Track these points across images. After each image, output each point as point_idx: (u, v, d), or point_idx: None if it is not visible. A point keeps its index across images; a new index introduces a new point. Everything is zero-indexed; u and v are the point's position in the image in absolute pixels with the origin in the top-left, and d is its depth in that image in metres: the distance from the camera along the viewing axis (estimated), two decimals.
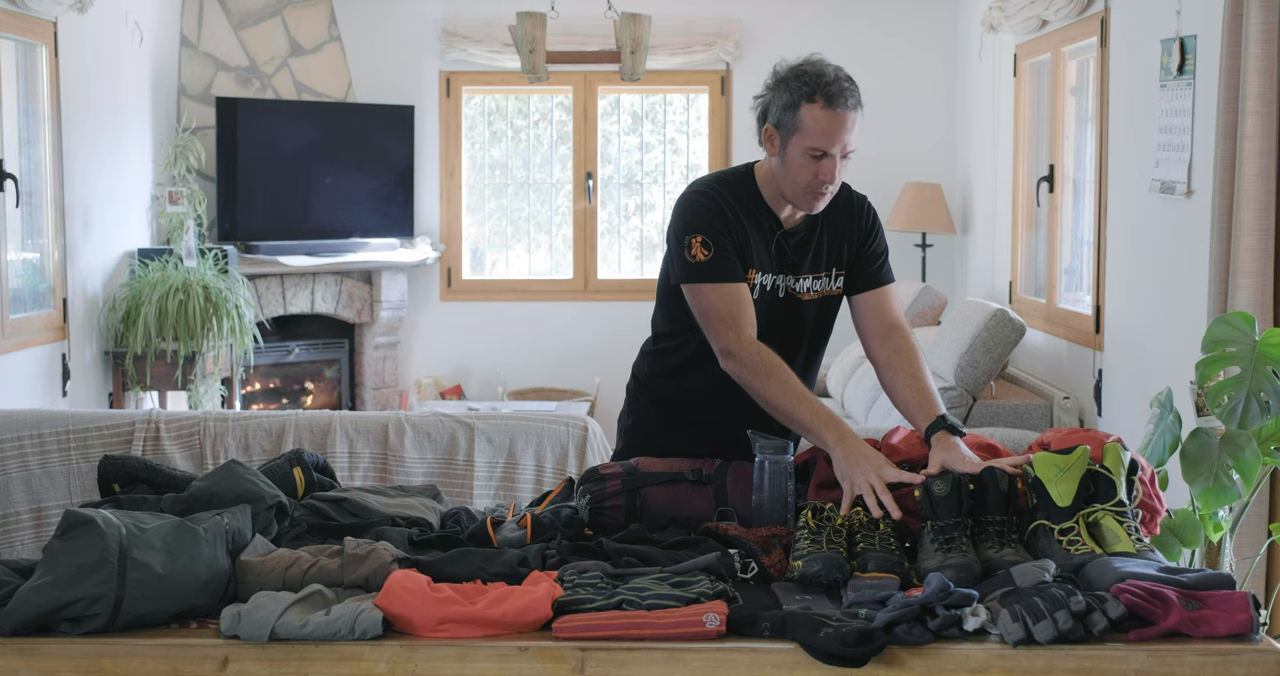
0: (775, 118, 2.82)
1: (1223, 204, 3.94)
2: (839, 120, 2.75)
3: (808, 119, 2.76)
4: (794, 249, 2.92)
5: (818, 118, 2.75)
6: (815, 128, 2.75)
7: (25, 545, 4.03)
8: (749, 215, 2.88)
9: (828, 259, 2.96)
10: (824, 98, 2.74)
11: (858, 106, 2.78)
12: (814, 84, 2.75)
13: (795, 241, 2.92)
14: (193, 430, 4.18)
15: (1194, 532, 3.32)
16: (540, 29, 6.11)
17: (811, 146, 2.76)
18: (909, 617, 2.13)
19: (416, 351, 8.06)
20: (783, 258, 2.91)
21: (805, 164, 2.79)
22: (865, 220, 3.01)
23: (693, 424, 2.98)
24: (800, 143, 2.77)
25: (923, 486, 2.46)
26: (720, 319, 2.81)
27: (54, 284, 5.77)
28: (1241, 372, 3.30)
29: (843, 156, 2.79)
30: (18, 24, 5.39)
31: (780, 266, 2.91)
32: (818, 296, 2.96)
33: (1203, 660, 2.09)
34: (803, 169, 2.79)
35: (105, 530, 2.16)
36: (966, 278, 7.59)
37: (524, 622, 2.17)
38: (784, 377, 2.74)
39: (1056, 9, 5.65)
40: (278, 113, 7.45)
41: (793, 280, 2.92)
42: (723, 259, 2.83)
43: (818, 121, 2.75)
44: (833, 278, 2.97)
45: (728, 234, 2.84)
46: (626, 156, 8.26)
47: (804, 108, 2.76)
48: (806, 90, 2.76)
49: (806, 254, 2.93)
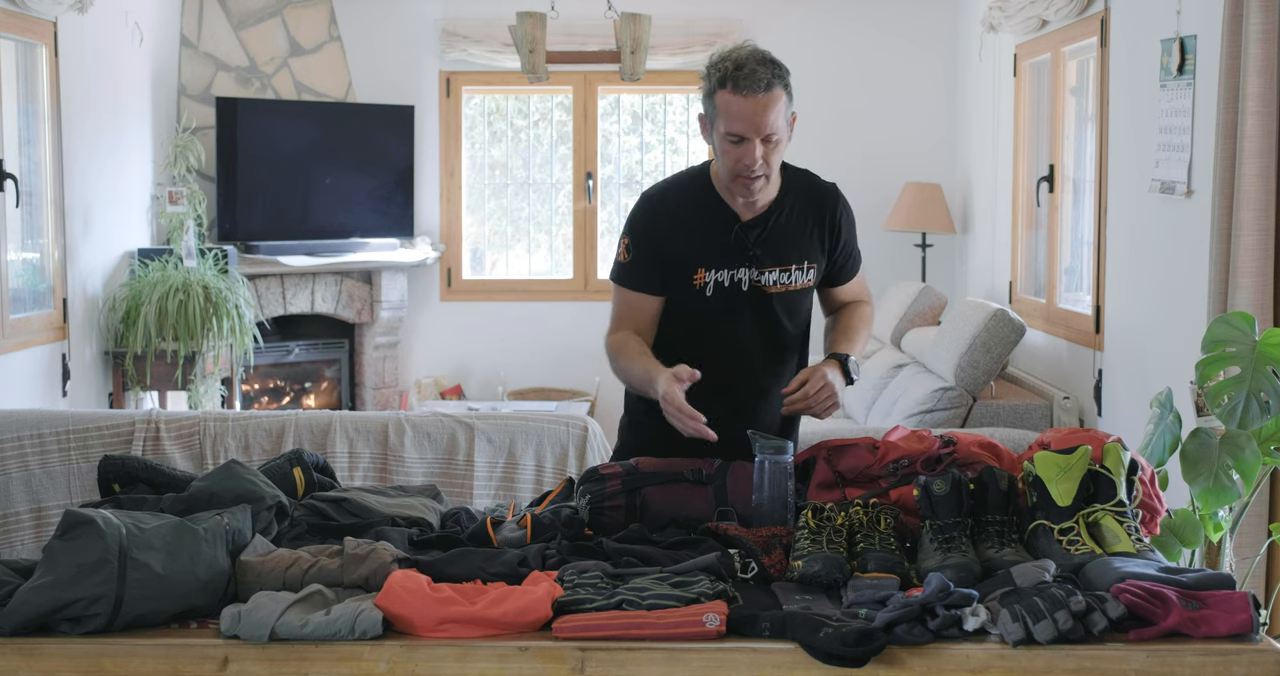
0: (703, 107, 2.87)
1: (1223, 204, 3.94)
2: (750, 104, 2.76)
3: (722, 105, 2.79)
4: (756, 241, 2.92)
5: (731, 103, 2.77)
6: (730, 113, 2.78)
7: (25, 545, 4.04)
8: (701, 212, 2.91)
9: (795, 253, 2.96)
10: (734, 83, 2.76)
11: (772, 88, 2.76)
12: (725, 70, 2.78)
13: (757, 234, 2.92)
14: (193, 430, 4.18)
15: (1194, 532, 3.32)
16: (540, 29, 6.11)
17: (729, 132, 2.79)
18: (909, 617, 2.13)
19: (416, 351, 8.06)
20: (743, 250, 2.91)
21: (728, 149, 2.81)
22: (836, 215, 3.01)
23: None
24: (720, 129, 2.81)
25: (922, 486, 2.46)
26: (612, 318, 3.00)
27: (54, 284, 5.77)
28: (1241, 372, 3.30)
29: (765, 140, 2.78)
30: (18, 24, 5.39)
31: (741, 259, 2.91)
32: (784, 290, 2.96)
33: (1203, 660, 2.09)
34: (726, 154, 2.82)
35: (105, 530, 2.16)
36: (966, 278, 7.59)
37: (524, 622, 2.17)
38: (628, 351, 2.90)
39: (1056, 9, 5.65)
40: (278, 113, 7.45)
41: (756, 273, 2.92)
42: (636, 266, 2.94)
43: (731, 107, 2.77)
44: (804, 271, 2.97)
45: (652, 244, 2.92)
46: (626, 156, 8.26)
47: (718, 95, 2.80)
48: (719, 77, 2.79)
49: (770, 246, 2.93)
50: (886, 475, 2.65)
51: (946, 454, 2.64)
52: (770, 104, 2.77)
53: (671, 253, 2.91)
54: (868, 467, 2.68)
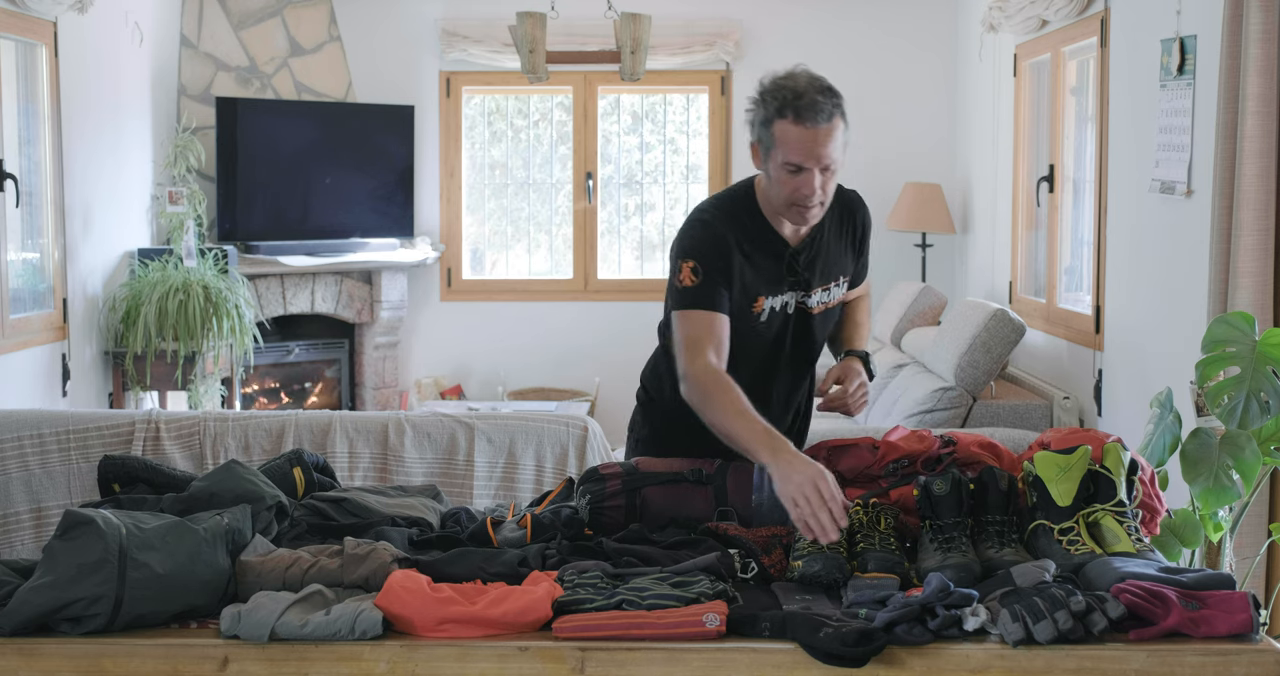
0: (756, 133, 2.81)
1: (1223, 204, 3.94)
2: (811, 135, 2.71)
3: (780, 135, 2.73)
4: (804, 266, 2.91)
5: (790, 133, 2.71)
6: (789, 143, 2.72)
7: (25, 545, 4.03)
8: (754, 240, 2.86)
9: (836, 268, 2.97)
10: (794, 113, 2.70)
11: (832, 118, 2.72)
12: (785, 99, 2.72)
13: (804, 258, 2.91)
14: (193, 430, 4.18)
15: (1194, 532, 3.32)
16: (540, 29, 6.12)
17: (787, 162, 2.74)
18: (909, 617, 2.13)
19: (416, 351, 8.06)
20: (794, 276, 2.90)
21: (785, 179, 2.76)
22: (862, 223, 3.02)
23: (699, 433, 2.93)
24: (778, 158, 2.75)
25: (922, 486, 2.46)
26: (687, 344, 2.78)
27: (54, 284, 5.77)
28: (1241, 373, 3.30)
29: (823, 170, 2.75)
30: (18, 24, 5.39)
31: (792, 285, 2.90)
32: (825, 308, 2.97)
33: (1203, 660, 2.09)
34: (784, 184, 2.77)
35: (105, 530, 2.16)
36: (966, 278, 7.59)
37: (524, 622, 2.17)
38: (726, 398, 2.67)
39: (1056, 9, 5.65)
40: (278, 113, 7.45)
41: (803, 296, 2.92)
42: (707, 286, 2.80)
43: (790, 137, 2.72)
44: (840, 285, 2.99)
45: (721, 265, 2.82)
46: (626, 156, 8.26)
47: (777, 124, 2.73)
48: (778, 106, 2.73)
49: (815, 269, 2.93)
50: (886, 475, 2.65)
51: (946, 454, 2.64)
52: (831, 134, 2.73)
53: (738, 277, 2.84)
54: (868, 467, 2.68)
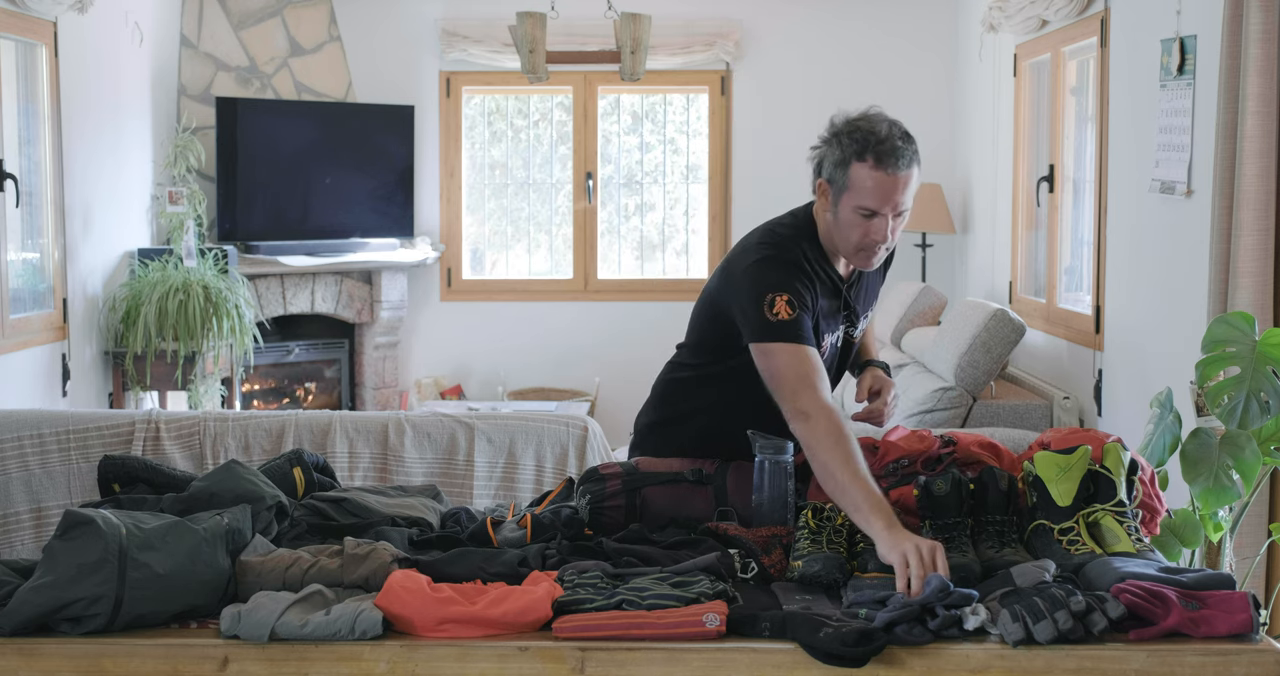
0: (828, 173, 2.74)
1: (1223, 204, 3.94)
2: (890, 181, 2.66)
3: (857, 178, 2.67)
4: (855, 299, 2.93)
5: (867, 178, 2.66)
6: (865, 188, 2.67)
7: (25, 545, 4.03)
8: (818, 274, 2.81)
9: (873, 296, 3.02)
10: (874, 157, 2.65)
11: (911, 165, 2.68)
12: (865, 142, 2.66)
13: (855, 291, 2.92)
14: (193, 430, 4.18)
15: (1194, 532, 3.32)
16: (540, 29, 6.11)
17: (861, 207, 2.69)
18: (909, 617, 2.13)
19: (416, 351, 8.06)
20: (848, 309, 2.91)
21: (856, 222, 2.71)
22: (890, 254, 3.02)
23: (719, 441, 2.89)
24: (850, 201, 2.70)
25: (922, 486, 2.46)
26: (799, 379, 2.65)
27: (54, 284, 5.77)
28: (1241, 373, 3.30)
29: (895, 215, 2.71)
30: (18, 24, 5.39)
31: (844, 319, 2.91)
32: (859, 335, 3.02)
33: (1203, 660, 2.09)
34: (854, 228, 2.72)
35: (105, 530, 2.16)
36: (966, 278, 7.59)
37: (524, 622, 2.17)
38: (850, 449, 2.55)
39: (1056, 9, 5.65)
40: (278, 113, 7.45)
41: (850, 327, 2.95)
42: (804, 321, 2.71)
43: (867, 181, 2.66)
44: (873, 310, 3.05)
45: (810, 301, 2.75)
46: (626, 156, 8.26)
47: (854, 166, 2.67)
48: (857, 149, 2.67)
49: (860, 300, 2.96)
50: (886, 475, 2.65)
51: (946, 454, 2.64)
52: (909, 181, 2.70)
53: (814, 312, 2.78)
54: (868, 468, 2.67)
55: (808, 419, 2.60)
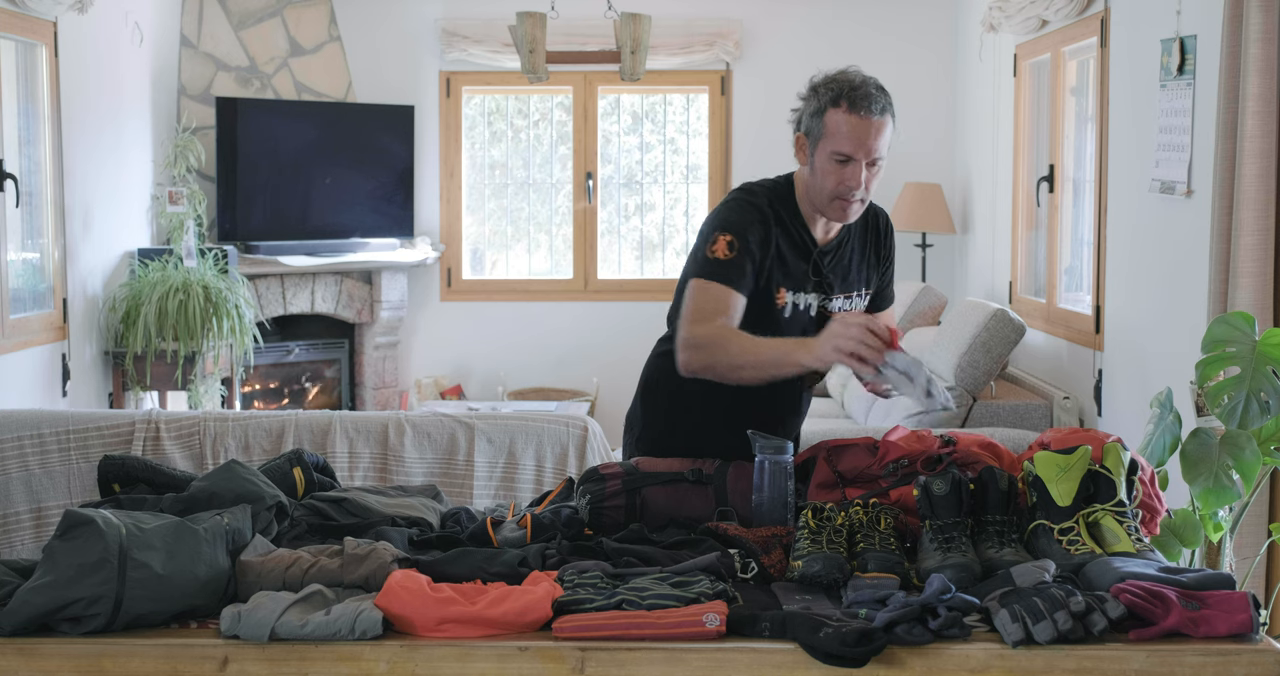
0: (805, 125, 2.82)
1: (1223, 204, 3.94)
2: (863, 125, 2.74)
3: (832, 124, 2.75)
4: (829, 268, 2.91)
5: (842, 122, 2.74)
6: (839, 132, 2.74)
7: (25, 545, 4.04)
8: (788, 230, 2.86)
9: (860, 279, 2.97)
10: (848, 102, 2.74)
11: (885, 112, 2.76)
12: (840, 89, 2.75)
13: (830, 261, 2.91)
14: (193, 430, 4.18)
15: (1194, 532, 3.32)
16: (540, 29, 6.11)
17: (836, 151, 2.75)
18: (909, 617, 2.13)
19: (416, 351, 8.06)
20: (819, 277, 2.90)
21: (831, 169, 2.77)
22: (887, 241, 3.03)
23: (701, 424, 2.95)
24: (826, 148, 2.76)
25: (922, 486, 2.46)
26: (696, 313, 2.75)
27: (54, 284, 5.77)
28: (1241, 373, 3.30)
29: (869, 164, 2.76)
30: (18, 24, 5.39)
31: (816, 286, 2.90)
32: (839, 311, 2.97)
33: (1203, 660, 2.09)
34: (829, 175, 2.77)
35: (105, 530, 2.16)
36: (966, 278, 7.59)
37: (524, 622, 2.17)
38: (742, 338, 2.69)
39: (1056, 9, 5.65)
40: (278, 113, 7.45)
41: (826, 300, 2.92)
42: (738, 264, 2.77)
43: (842, 126, 2.74)
44: (862, 297, 2.99)
45: (757, 247, 2.80)
46: (626, 156, 8.26)
47: (830, 113, 2.76)
48: (833, 96, 2.76)
49: (838, 274, 2.93)
50: (886, 475, 2.65)
51: (946, 454, 2.64)
52: (882, 127, 2.76)
53: (765, 264, 2.83)
54: (868, 467, 2.68)
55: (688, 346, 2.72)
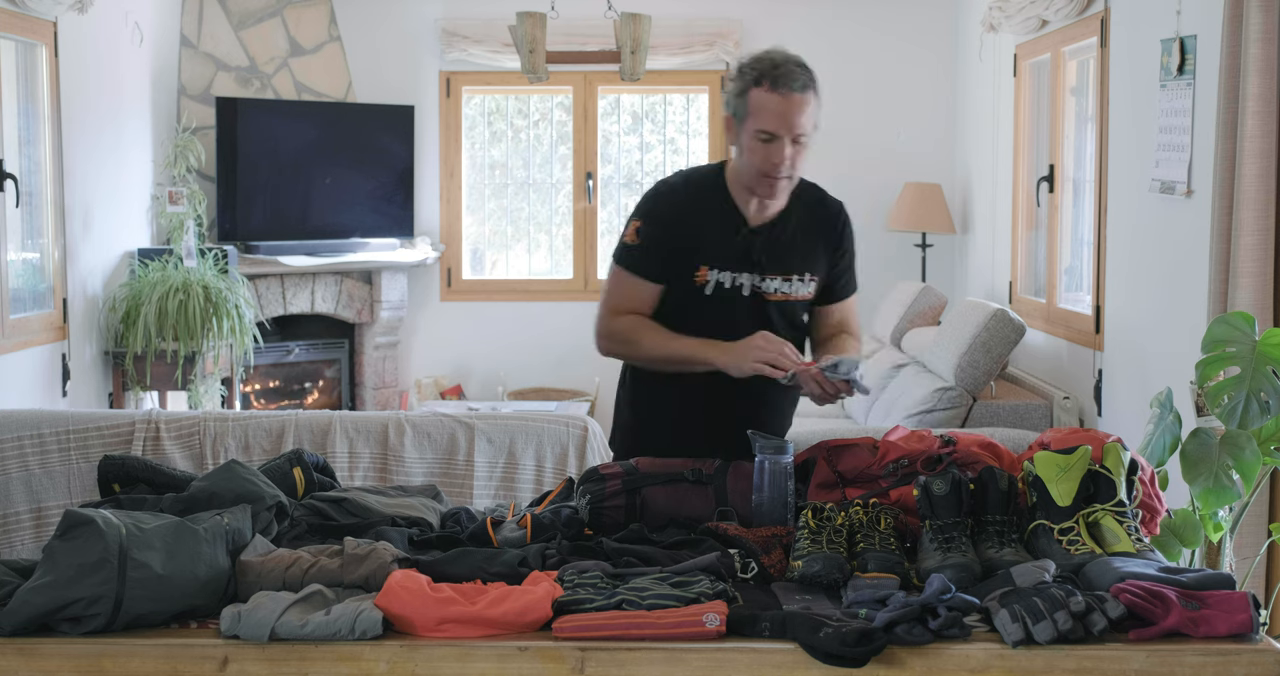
0: (732, 107, 2.89)
1: (1223, 204, 3.94)
2: (786, 102, 2.80)
3: (756, 102, 2.82)
4: (761, 247, 2.93)
5: (765, 100, 2.81)
6: (764, 111, 2.81)
7: (25, 545, 4.04)
8: (711, 210, 2.93)
9: (799, 262, 2.97)
10: (770, 81, 2.81)
11: (807, 89, 2.83)
12: (762, 69, 2.82)
13: (762, 239, 2.94)
14: (193, 430, 4.18)
15: (1194, 532, 3.32)
16: (540, 29, 6.11)
17: (761, 129, 2.82)
18: (909, 617, 2.13)
19: (416, 351, 8.06)
20: (748, 255, 2.93)
21: (757, 148, 2.84)
22: (840, 229, 3.04)
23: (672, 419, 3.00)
24: (751, 126, 2.83)
25: (922, 486, 2.46)
26: (610, 305, 2.96)
27: (54, 284, 5.77)
28: (1241, 373, 3.30)
29: (794, 141, 2.82)
30: (18, 24, 5.39)
31: (745, 264, 2.93)
32: (785, 299, 2.97)
33: (1203, 660, 2.09)
34: (755, 153, 2.84)
35: (105, 530, 2.16)
36: (966, 278, 7.59)
37: (524, 622, 2.17)
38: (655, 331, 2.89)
39: (1056, 9, 5.65)
40: (278, 113, 7.45)
41: (759, 279, 2.94)
42: (644, 250, 2.92)
43: (765, 104, 2.81)
44: (805, 282, 2.98)
45: (665, 231, 2.91)
46: (626, 156, 8.26)
47: (753, 92, 2.83)
48: (755, 75, 2.83)
49: (775, 254, 2.95)
50: (886, 475, 2.65)
51: (946, 454, 2.64)
52: (805, 104, 2.82)
53: (679, 244, 2.91)
54: (868, 467, 2.68)
55: (603, 337, 2.97)
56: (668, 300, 2.96)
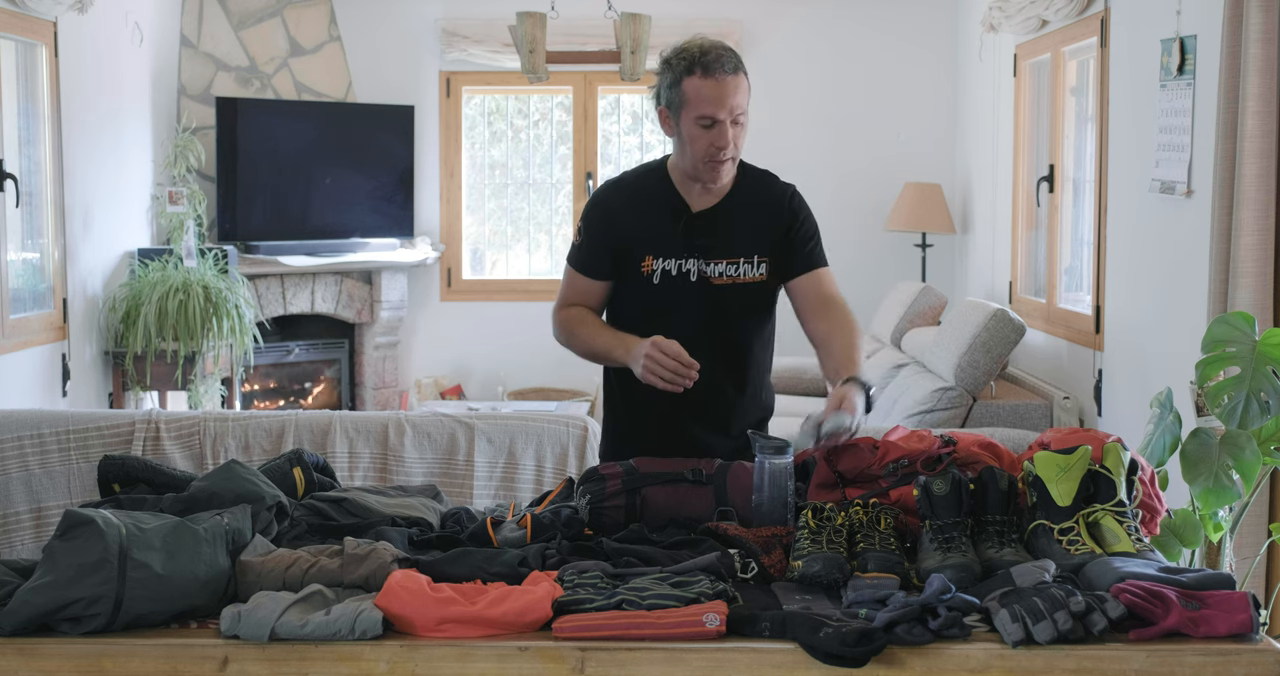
0: (665, 99, 2.93)
1: (1223, 204, 3.94)
2: (721, 86, 2.84)
3: (691, 91, 2.86)
4: (702, 231, 2.96)
5: (700, 87, 2.85)
6: (702, 97, 2.85)
7: (25, 545, 4.04)
8: (653, 201, 2.99)
9: (744, 244, 2.97)
10: (701, 68, 2.85)
11: (737, 70, 2.87)
12: (690, 58, 2.86)
13: (705, 225, 2.97)
14: (193, 430, 4.18)
15: (1194, 532, 3.32)
16: (540, 29, 6.12)
17: (701, 116, 2.86)
18: (909, 617, 2.13)
19: (416, 351, 8.06)
20: (690, 240, 2.95)
21: (699, 135, 2.88)
22: (788, 207, 3.02)
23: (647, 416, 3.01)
24: (690, 115, 2.87)
25: (922, 486, 2.46)
26: (559, 298, 3.09)
27: (54, 284, 5.77)
28: (1241, 373, 3.30)
29: (734, 122, 2.87)
30: (18, 24, 5.39)
31: (689, 250, 2.95)
32: (732, 282, 2.97)
33: (1203, 660, 2.09)
34: (698, 140, 2.88)
35: (105, 530, 2.16)
36: (966, 278, 7.59)
37: (524, 622, 2.17)
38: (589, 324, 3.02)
39: (1056, 9, 5.65)
40: (278, 113, 7.45)
41: (704, 264, 2.96)
42: (588, 249, 3.03)
43: (701, 91, 2.85)
44: (754, 265, 2.97)
45: (603, 229, 3.00)
46: (626, 156, 8.26)
47: (686, 81, 2.86)
48: (685, 65, 2.86)
49: (717, 237, 2.96)
50: (886, 475, 2.65)
51: (946, 454, 2.64)
52: (739, 84, 2.87)
53: (621, 239, 2.98)
54: (868, 467, 2.67)
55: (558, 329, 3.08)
56: (622, 292, 3.03)
